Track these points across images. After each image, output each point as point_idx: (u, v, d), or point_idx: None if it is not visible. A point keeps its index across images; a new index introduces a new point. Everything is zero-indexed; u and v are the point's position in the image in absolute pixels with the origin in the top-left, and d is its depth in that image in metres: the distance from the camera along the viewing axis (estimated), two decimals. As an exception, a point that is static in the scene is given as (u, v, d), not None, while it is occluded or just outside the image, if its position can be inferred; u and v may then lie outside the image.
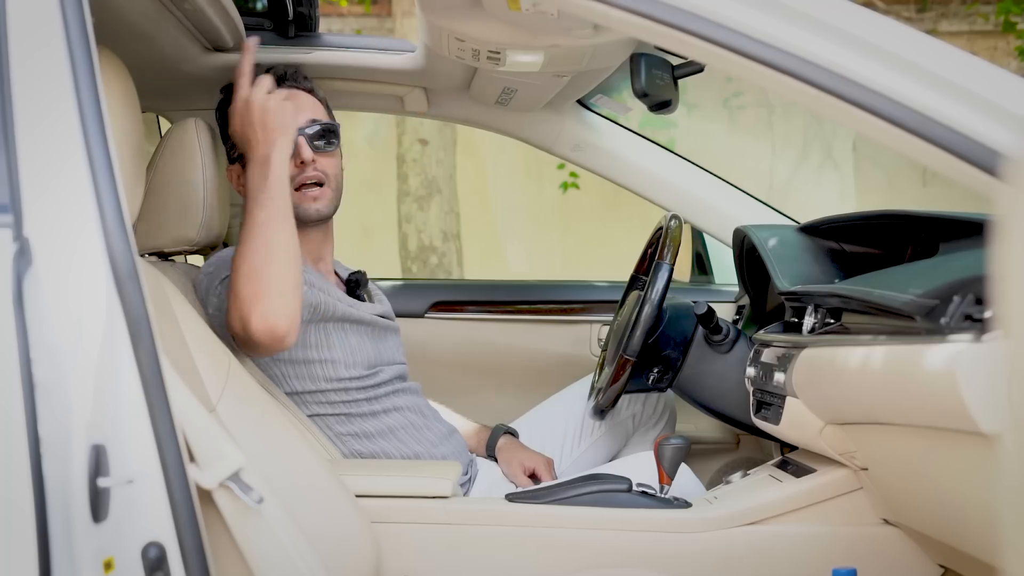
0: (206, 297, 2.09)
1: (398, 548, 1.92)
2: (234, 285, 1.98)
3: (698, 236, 3.02)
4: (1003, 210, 1.18)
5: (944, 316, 1.39)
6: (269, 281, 1.96)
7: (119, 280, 1.24)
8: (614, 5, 1.34)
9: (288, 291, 1.99)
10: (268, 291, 1.96)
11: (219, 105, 2.30)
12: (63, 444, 1.19)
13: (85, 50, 1.27)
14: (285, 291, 1.98)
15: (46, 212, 1.25)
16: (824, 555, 1.89)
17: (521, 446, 2.41)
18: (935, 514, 1.68)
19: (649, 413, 2.56)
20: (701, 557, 1.92)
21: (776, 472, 2.06)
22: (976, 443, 1.33)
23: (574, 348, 3.00)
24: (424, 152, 6.85)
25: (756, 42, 1.31)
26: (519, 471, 2.33)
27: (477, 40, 2.05)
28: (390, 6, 7.33)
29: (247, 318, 1.94)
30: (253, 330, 1.94)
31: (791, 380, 1.88)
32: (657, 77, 1.90)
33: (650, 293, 2.20)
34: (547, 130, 2.80)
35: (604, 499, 1.97)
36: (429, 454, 2.21)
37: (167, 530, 1.24)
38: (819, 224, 2.25)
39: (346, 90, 2.60)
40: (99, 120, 1.26)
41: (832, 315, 1.90)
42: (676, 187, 2.81)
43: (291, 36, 2.50)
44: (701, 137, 8.03)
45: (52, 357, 1.21)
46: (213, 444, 1.37)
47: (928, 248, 1.87)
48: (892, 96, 1.28)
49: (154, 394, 1.24)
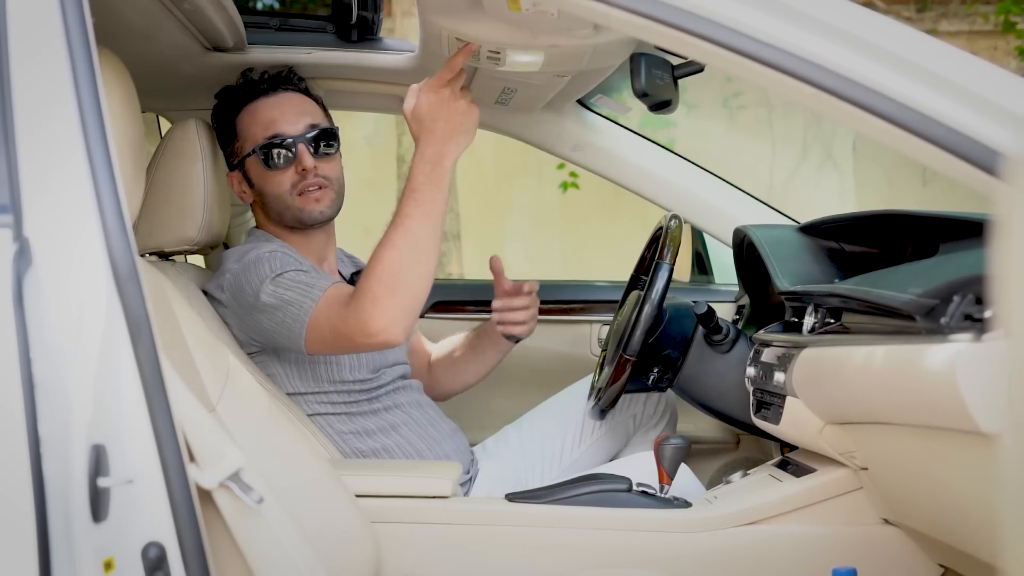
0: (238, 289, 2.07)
1: (398, 548, 1.91)
2: (368, 287, 1.94)
3: (698, 236, 3.02)
4: (1003, 210, 1.18)
5: (944, 316, 1.39)
6: (405, 289, 1.94)
7: (119, 280, 1.24)
8: (614, 5, 1.34)
9: (419, 301, 1.97)
10: (399, 298, 1.94)
11: (215, 109, 2.30)
12: (63, 444, 1.19)
13: (85, 50, 1.27)
14: (416, 302, 1.96)
15: (46, 212, 1.25)
16: (824, 555, 1.89)
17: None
18: (935, 514, 1.68)
19: (649, 413, 2.56)
20: (701, 557, 1.92)
21: (776, 472, 2.06)
22: (976, 443, 1.33)
23: (574, 348, 3.00)
24: (424, 152, 6.84)
25: (756, 42, 1.30)
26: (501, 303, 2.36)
27: (477, 40, 2.04)
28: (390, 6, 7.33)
29: (371, 321, 1.92)
30: (373, 332, 1.93)
31: (791, 380, 1.88)
32: (657, 77, 1.90)
33: (650, 293, 2.20)
34: (547, 130, 2.80)
35: (604, 499, 1.97)
36: (431, 451, 2.21)
37: (167, 530, 1.24)
38: (819, 224, 2.25)
39: (346, 90, 2.60)
40: (99, 120, 1.26)
41: (832, 315, 1.90)
42: (676, 187, 2.81)
43: (353, 40, 2.48)
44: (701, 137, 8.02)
45: (52, 357, 1.21)
46: (213, 444, 1.37)
47: (928, 248, 1.87)
48: (892, 96, 1.28)
49: (154, 394, 1.23)
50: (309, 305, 2.03)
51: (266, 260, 2.10)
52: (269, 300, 2.06)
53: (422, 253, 1.96)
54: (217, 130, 2.28)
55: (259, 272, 2.08)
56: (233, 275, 2.11)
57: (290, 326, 2.05)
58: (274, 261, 2.10)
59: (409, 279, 1.94)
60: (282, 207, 2.23)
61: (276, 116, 2.24)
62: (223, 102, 2.29)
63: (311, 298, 2.04)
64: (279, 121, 2.23)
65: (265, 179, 2.22)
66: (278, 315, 2.05)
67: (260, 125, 2.23)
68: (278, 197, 2.22)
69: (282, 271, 2.08)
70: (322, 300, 2.03)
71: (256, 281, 2.08)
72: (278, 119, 2.23)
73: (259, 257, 2.11)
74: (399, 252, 1.94)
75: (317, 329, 2.03)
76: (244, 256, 2.14)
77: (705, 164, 2.87)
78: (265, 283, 2.06)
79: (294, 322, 2.04)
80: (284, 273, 2.08)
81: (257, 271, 2.08)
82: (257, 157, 2.21)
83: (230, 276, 2.12)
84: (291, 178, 2.21)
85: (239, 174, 2.27)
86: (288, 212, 2.23)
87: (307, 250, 2.26)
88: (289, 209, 2.22)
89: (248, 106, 2.26)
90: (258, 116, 2.24)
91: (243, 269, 2.10)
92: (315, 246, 2.28)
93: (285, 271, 2.08)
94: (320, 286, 2.05)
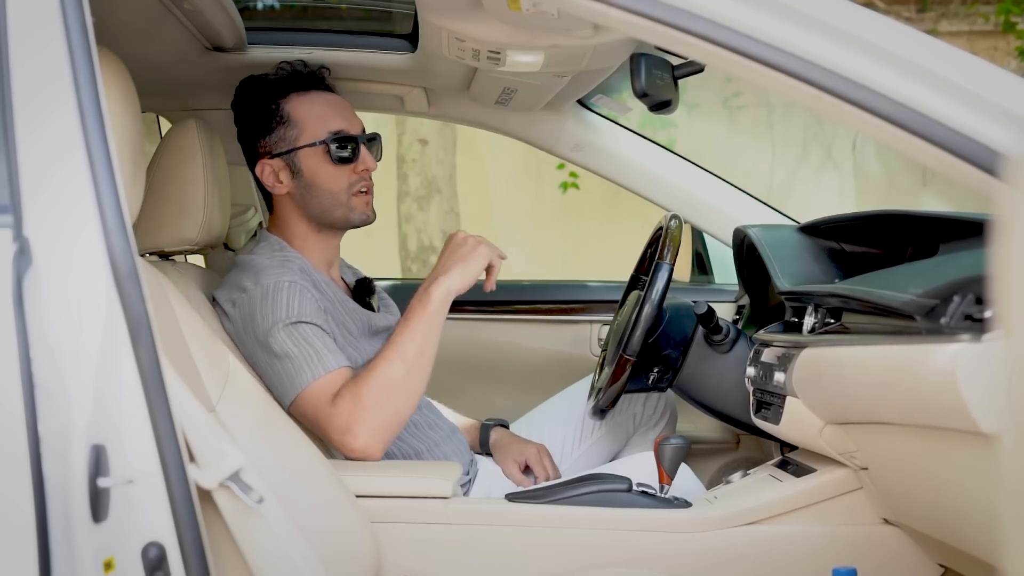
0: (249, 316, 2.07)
1: (398, 548, 1.91)
2: (349, 401, 1.99)
3: (698, 236, 3.02)
4: (1003, 210, 1.18)
5: (944, 316, 1.39)
6: (390, 417, 2.01)
7: (119, 280, 1.24)
8: (614, 5, 1.34)
9: (401, 423, 2.05)
10: (387, 424, 2.01)
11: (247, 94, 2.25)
12: (63, 444, 1.19)
13: (85, 50, 1.27)
14: (398, 424, 2.04)
15: (46, 212, 1.25)
16: (824, 555, 1.89)
17: (512, 439, 2.41)
18: (935, 514, 1.68)
19: (649, 413, 2.56)
20: (701, 557, 1.92)
21: (776, 472, 2.06)
22: (976, 443, 1.33)
23: (574, 348, 3.00)
24: (424, 152, 6.85)
25: (756, 42, 1.30)
26: (514, 469, 2.34)
27: (477, 40, 2.05)
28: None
29: (349, 437, 1.98)
30: (351, 447, 1.99)
31: (791, 380, 1.88)
32: (657, 77, 1.90)
33: (650, 293, 2.20)
34: (547, 130, 2.81)
35: (604, 499, 1.97)
36: (430, 452, 2.21)
37: (167, 530, 1.24)
38: (819, 224, 2.25)
39: (346, 90, 2.60)
40: (99, 120, 1.26)
41: (832, 315, 1.90)
42: (676, 187, 2.82)
43: None
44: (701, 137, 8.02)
45: (52, 357, 1.21)
46: (213, 444, 1.37)
47: (928, 248, 1.87)
48: (892, 96, 1.28)
49: (154, 394, 1.23)
50: (308, 378, 2.02)
51: (284, 296, 2.06)
52: (276, 348, 2.04)
53: (416, 386, 2.04)
54: (245, 117, 2.24)
55: (275, 310, 2.05)
56: (249, 298, 2.07)
57: (283, 382, 2.04)
58: (293, 301, 2.06)
59: (398, 404, 2.02)
60: (333, 204, 2.20)
61: (337, 112, 2.23)
62: (261, 88, 2.23)
63: (312, 371, 2.03)
64: (341, 117, 2.22)
65: (324, 173, 2.19)
66: (277, 365, 2.04)
67: (324, 118, 2.20)
68: (333, 194, 2.19)
69: (299, 319, 2.04)
70: (322, 380, 2.02)
71: (271, 319, 2.04)
72: (339, 115, 2.22)
73: (278, 287, 2.06)
74: (393, 381, 2.01)
75: (303, 405, 2.03)
76: (261, 277, 2.09)
77: (705, 164, 2.87)
78: (278, 327, 2.04)
79: (288, 383, 2.03)
80: (301, 324, 2.04)
81: (274, 307, 2.05)
82: (322, 149, 2.18)
83: (245, 298, 2.08)
84: (350, 177, 2.20)
85: (281, 163, 2.21)
86: (338, 210, 2.21)
87: (321, 254, 2.24)
88: (341, 207, 2.20)
89: (301, 95, 2.22)
90: (319, 108, 2.21)
91: (261, 296, 2.06)
92: (329, 250, 2.27)
93: (302, 321, 2.05)
94: (327, 363, 2.03)
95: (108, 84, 1.36)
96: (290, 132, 2.20)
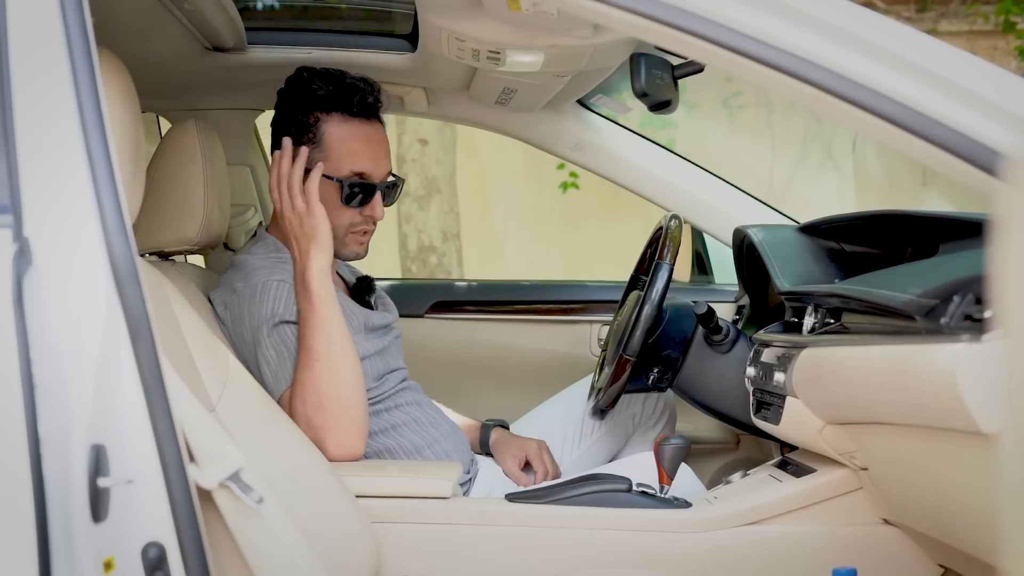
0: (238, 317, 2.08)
1: (398, 548, 1.92)
2: (303, 412, 1.99)
3: (698, 236, 3.02)
4: (1003, 210, 1.18)
5: (944, 316, 1.39)
6: (341, 410, 2.00)
7: (119, 280, 1.24)
8: (614, 5, 1.34)
9: (360, 413, 2.03)
10: (341, 419, 2.00)
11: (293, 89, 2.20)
12: (63, 444, 1.19)
13: (85, 50, 1.27)
14: (358, 415, 2.02)
15: (46, 212, 1.25)
16: (824, 555, 1.89)
17: (511, 438, 2.41)
18: (935, 514, 1.68)
19: (649, 413, 2.56)
20: (701, 557, 1.92)
21: (776, 472, 2.06)
22: (976, 443, 1.33)
23: (574, 348, 3.00)
24: (424, 152, 6.85)
25: (756, 42, 1.30)
26: (513, 465, 2.34)
27: (477, 40, 2.05)
28: (390, 6, 7.32)
29: (323, 446, 1.97)
30: (331, 456, 1.97)
31: (791, 380, 1.88)
32: (657, 77, 1.90)
33: (650, 293, 2.20)
34: (547, 130, 2.81)
35: (604, 499, 1.97)
36: (431, 449, 2.21)
37: (167, 530, 1.24)
38: (819, 224, 2.25)
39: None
40: (99, 120, 1.26)
41: (832, 315, 1.90)
42: (676, 187, 2.81)
43: None
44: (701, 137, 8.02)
45: (52, 357, 1.21)
46: (213, 444, 1.37)
47: (928, 248, 1.87)
48: (892, 96, 1.28)
49: (154, 394, 1.23)
50: (282, 385, 2.05)
51: (271, 296, 2.06)
52: (260, 351, 2.06)
53: (349, 374, 2.01)
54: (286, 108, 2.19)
55: (261, 310, 2.06)
56: (238, 299, 2.09)
57: (268, 385, 2.06)
58: (279, 300, 2.06)
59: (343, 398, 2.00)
60: None
61: (368, 152, 2.17)
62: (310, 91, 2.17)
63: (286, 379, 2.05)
64: (369, 159, 2.17)
65: (330, 207, 2.14)
66: (264, 368, 2.06)
67: (352, 155, 2.15)
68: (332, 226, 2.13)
69: (283, 319, 2.06)
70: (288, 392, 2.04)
71: (257, 319, 2.06)
72: (368, 156, 2.17)
73: (266, 287, 2.07)
74: (325, 381, 1.99)
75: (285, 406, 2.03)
76: (251, 278, 2.10)
77: (705, 164, 2.87)
78: (263, 330, 2.06)
79: (272, 387, 2.05)
80: (283, 324, 2.06)
81: (260, 307, 2.06)
82: (336, 186, 2.15)
83: (235, 299, 2.09)
84: (354, 217, 2.18)
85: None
86: None
87: None
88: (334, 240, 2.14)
89: (343, 119, 2.16)
90: (351, 144, 2.16)
91: (249, 297, 2.07)
92: None
93: (285, 320, 2.06)
94: None
95: (108, 84, 1.36)
96: (316, 153, 2.15)
